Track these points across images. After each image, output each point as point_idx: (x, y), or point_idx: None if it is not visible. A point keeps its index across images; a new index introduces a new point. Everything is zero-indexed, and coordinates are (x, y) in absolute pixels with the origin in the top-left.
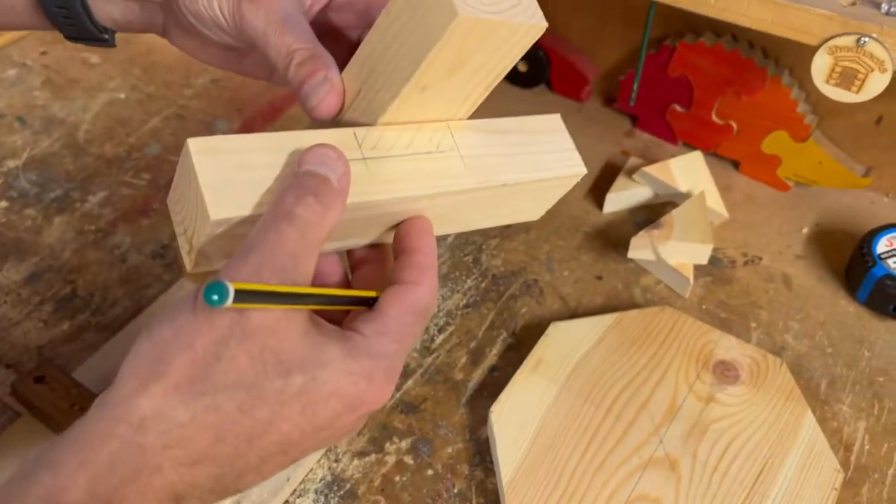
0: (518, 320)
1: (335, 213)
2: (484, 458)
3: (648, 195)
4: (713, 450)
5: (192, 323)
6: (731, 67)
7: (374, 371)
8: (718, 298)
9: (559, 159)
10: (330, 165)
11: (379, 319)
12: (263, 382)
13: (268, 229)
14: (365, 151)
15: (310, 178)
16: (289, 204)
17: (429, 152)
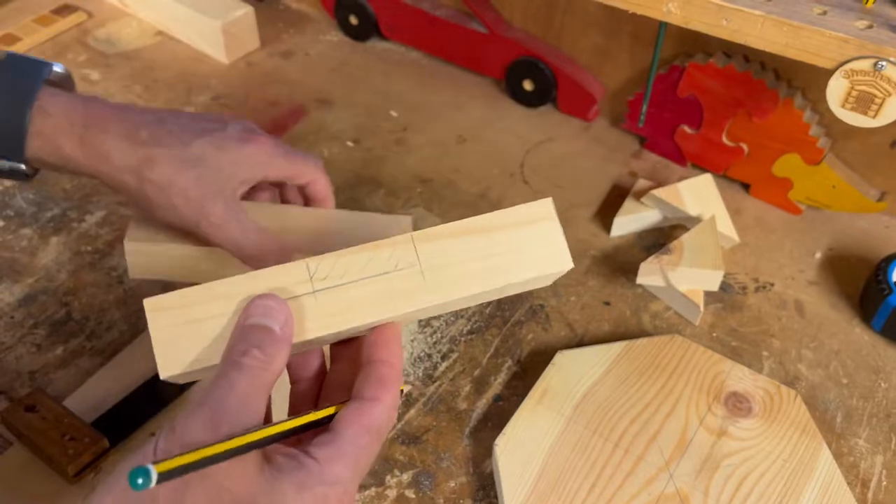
0: (524, 347)
1: (281, 359)
2: (488, 492)
3: (657, 218)
4: (726, 486)
5: None
6: (742, 89)
7: (327, 498)
8: (729, 326)
9: (540, 257)
10: (272, 316)
11: (334, 444)
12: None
13: (219, 379)
14: (315, 283)
15: (253, 330)
16: (236, 355)
17: (385, 273)
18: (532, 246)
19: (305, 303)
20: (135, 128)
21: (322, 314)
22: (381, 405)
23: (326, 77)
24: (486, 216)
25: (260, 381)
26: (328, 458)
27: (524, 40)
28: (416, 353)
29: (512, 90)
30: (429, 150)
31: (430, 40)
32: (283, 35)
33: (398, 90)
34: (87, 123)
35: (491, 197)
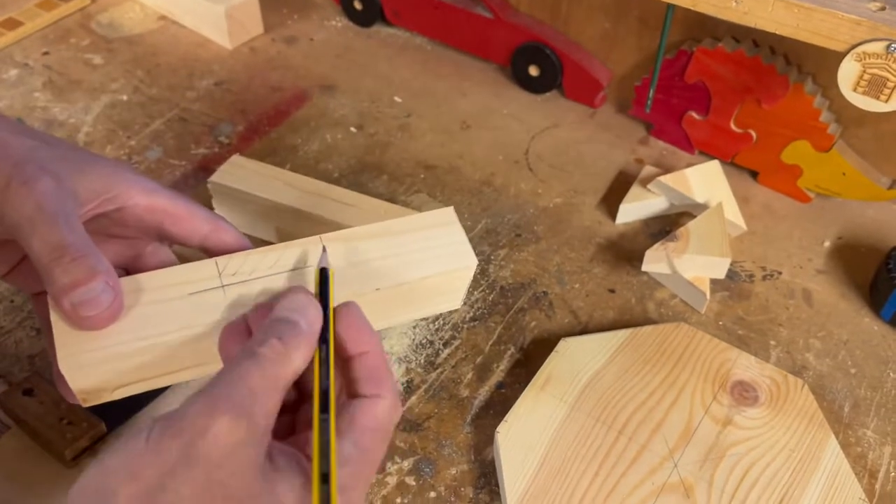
0: (527, 335)
1: (301, 354)
2: (489, 480)
3: (663, 206)
4: (731, 476)
5: (141, 452)
6: (751, 74)
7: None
8: (736, 314)
9: (444, 255)
10: (300, 310)
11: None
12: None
13: (231, 367)
14: (224, 279)
15: (278, 322)
16: (254, 344)
17: (294, 269)
18: (435, 245)
19: (215, 296)
20: None
21: (231, 307)
22: (382, 402)
23: (330, 63)
24: (393, 220)
25: (274, 373)
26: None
27: (530, 25)
28: (418, 340)
29: (517, 76)
30: (433, 136)
31: (435, 26)
32: (288, 21)
33: (402, 76)
34: None
35: (495, 183)
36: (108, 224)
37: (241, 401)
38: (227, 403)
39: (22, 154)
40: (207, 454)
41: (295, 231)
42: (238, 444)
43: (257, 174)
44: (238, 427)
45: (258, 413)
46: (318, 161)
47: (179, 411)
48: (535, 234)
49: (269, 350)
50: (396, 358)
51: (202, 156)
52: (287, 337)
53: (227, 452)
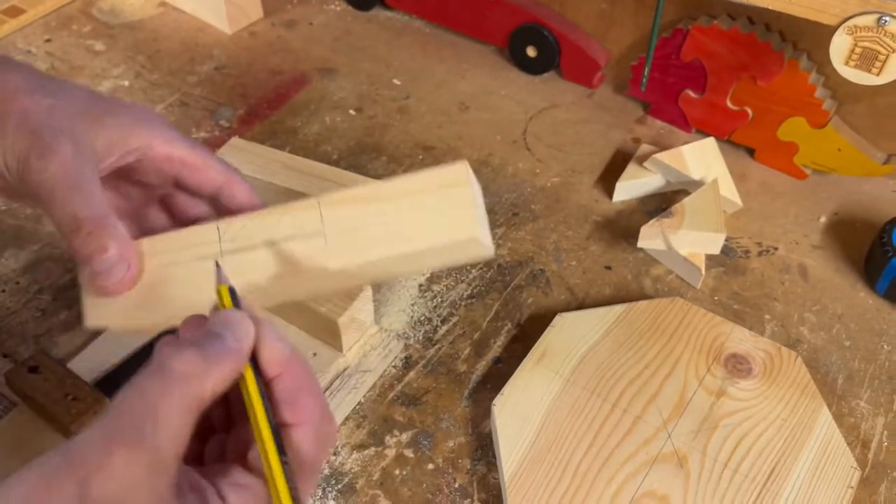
0: (524, 311)
1: (222, 372)
2: (486, 452)
3: (660, 183)
4: (724, 445)
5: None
6: (746, 51)
7: None
8: (731, 290)
9: (447, 223)
10: (230, 325)
11: (251, 488)
12: None
13: (133, 385)
14: (224, 244)
15: (202, 335)
16: (162, 356)
17: (291, 236)
18: (440, 211)
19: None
20: None
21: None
22: (299, 431)
23: (330, 46)
24: (395, 181)
25: (185, 392)
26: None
27: (528, 6)
28: (416, 317)
29: (515, 57)
30: (431, 117)
31: (433, 8)
32: (287, 5)
33: (401, 59)
34: None
35: (493, 163)
36: (128, 172)
37: (139, 428)
38: (124, 433)
39: (39, 119)
40: (103, 495)
41: None
42: (138, 481)
43: (257, 156)
44: (137, 460)
45: (163, 441)
46: (318, 143)
47: (75, 443)
48: (532, 213)
49: (181, 364)
50: (395, 334)
51: (203, 139)
52: (209, 351)
53: (126, 489)
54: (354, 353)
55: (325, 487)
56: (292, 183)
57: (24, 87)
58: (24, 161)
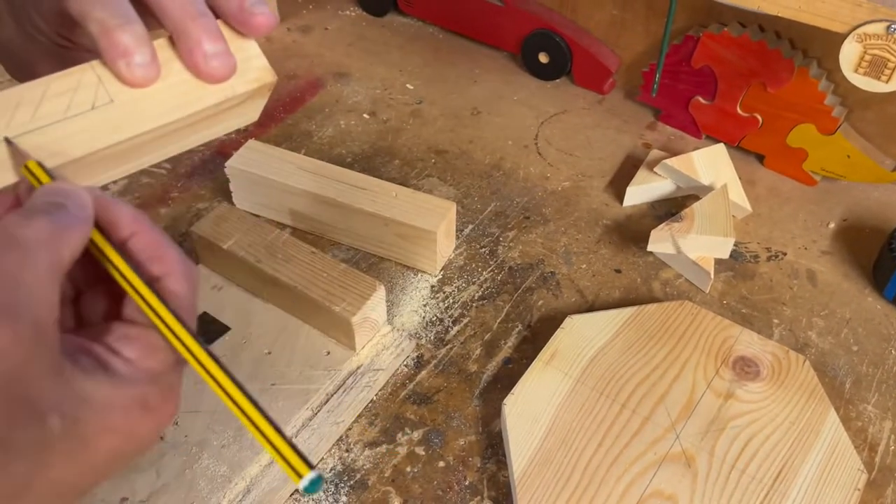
0: (534, 313)
1: (74, 234)
2: (496, 451)
3: (670, 188)
4: (731, 447)
5: None
6: (756, 58)
7: (146, 398)
8: (740, 294)
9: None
10: (66, 195)
11: (143, 338)
12: (14, 434)
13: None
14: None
15: (42, 203)
16: (14, 228)
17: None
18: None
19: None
20: None
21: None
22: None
23: (344, 51)
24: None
25: (42, 257)
26: (140, 356)
27: (540, 13)
28: (428, 318)
29: (527, 63)
30: (444, 122)
31: (446, 14)
32: (303, 10)
33: (414, 64)
34: None
35: (504, 167)
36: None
37: (11, 303)
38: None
39: None
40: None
41: (310, 214)
42: (28, 355)
43: (272, 158)
44: (20, 335)
45: (38, 309)
46: (332, 146)
47: None
48: (543, 217)
49: (35, 232)
50: (407, 334)
51: (220, 142)
52: (57, 219)
53: (17, 364)
54: (367, 352)
55: (337, 483)
56: (308, 185)
57: None
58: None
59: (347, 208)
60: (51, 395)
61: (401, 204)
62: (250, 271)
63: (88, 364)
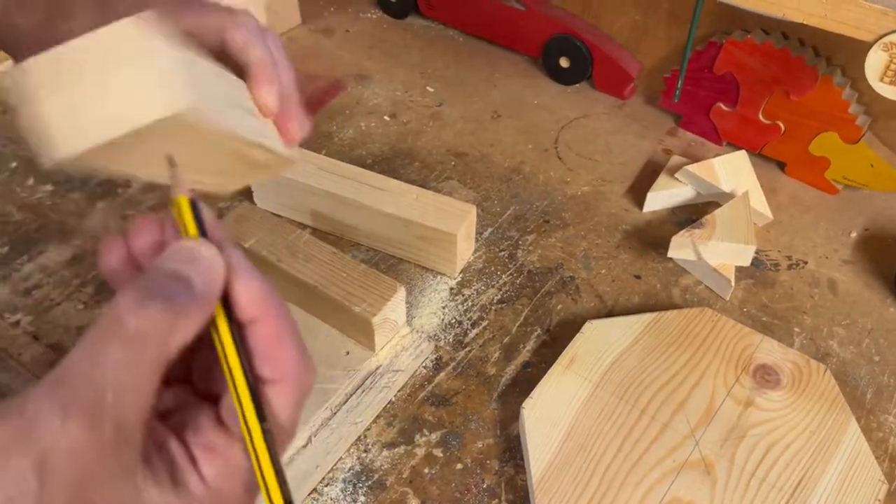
0: (553, 317)
1: (190, 322)
2: (514, 454)
3: (690, 195)
4: (751, 455)
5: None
6: (780, 66)
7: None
8: (760, 301)
9: None
10: (198, 266)
11: (226, 454)
12: None
13: (91, 347)
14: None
15: (165, 278)
16: (124, 310)
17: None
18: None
19: None
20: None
21: None
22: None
23: (365, 53)
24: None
25: (151, 357)
26: (218, 477)
27: (561, 18)
28: (447, 320)
29: (548, 67)
30: (464, 125)
31: (468, 18)
32: (324, 12)
33: (435, 67)
34: None
35: (524, 171)
36: None
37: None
38: (83, 406)
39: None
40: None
41: (331, 215)
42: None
43: None
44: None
45: (126, 413)
46: (353, 148)
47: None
48: (562, 221)
49: (144, 323)
50: (426, 335)
51: None
52: (175, 302)
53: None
54: (386, 352)
55: (355, 483)
56: (329, 185)
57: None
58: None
59: (368, 209)
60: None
61: (421, 206)
62: (271, 271)
63: (162, 473)
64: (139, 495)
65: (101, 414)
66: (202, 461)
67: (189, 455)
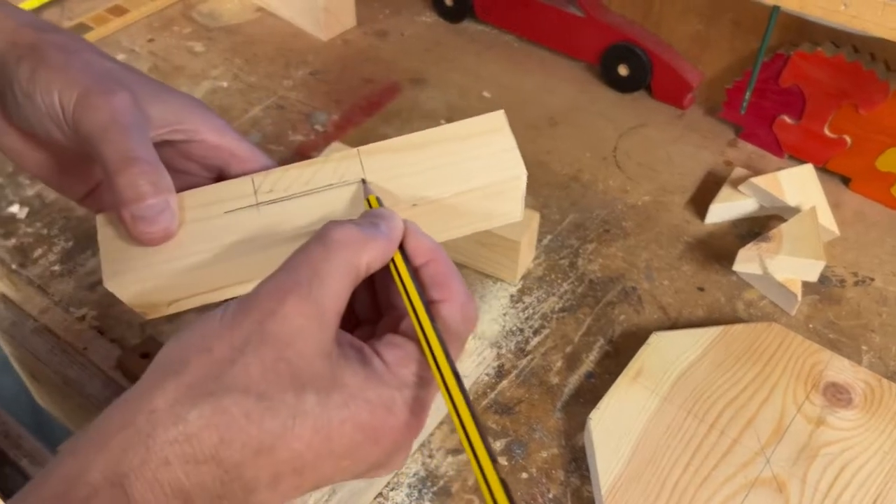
0: (616, 328)
1: (376, 248)
2: (580, 465)
3: (753, 207)
4: (824, 474)
5: (215, 328)
6: (849, 79)
7: (393, 402)
8: (827, 318)
9: (490, 165)
10: (383, 217)
11: (404, 347)
12: (274, 394)
13: (300, 250)
14: (260, 196)
15: (362, 219)
16: (327, 229)
17: (330, 185)
18: (481, 154)
19: (249, 215)
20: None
21: (264, 225)
22: (447, 305)
23: (420, 57)
24: (434, 130)
25: (342, 256)
26: (398, 361)
27: (621, 25)
28: (508, 327)
29: (606, 75)
30: (520, 131)
31: (525, 23)
32: (379, 15)
33: (490, 72)
34: None
35: (582, 179)
36: (172, 155)
37: (307, 284)
38: (294, 287)
39: (104, 70)
40: (276, 333)
41: None
42: (305, 326)
43: None
44: (304, 310)
45: (325, 296)
46: None
47: (252, 294)
48: (623, 230)
49: (341, 234)
50: (488, 342)
51: (299, 142)
52: (365, 227)
53: (295, 333)
54: None
55: (420, 489)
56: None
57: (89, 49)
58: (83, 97)
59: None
60: (314, 370)
61: None
62: None
63: (353, 355)
64: (333, 368)
65: (308, 294)
66: (385, 352)
67: (374, 349)
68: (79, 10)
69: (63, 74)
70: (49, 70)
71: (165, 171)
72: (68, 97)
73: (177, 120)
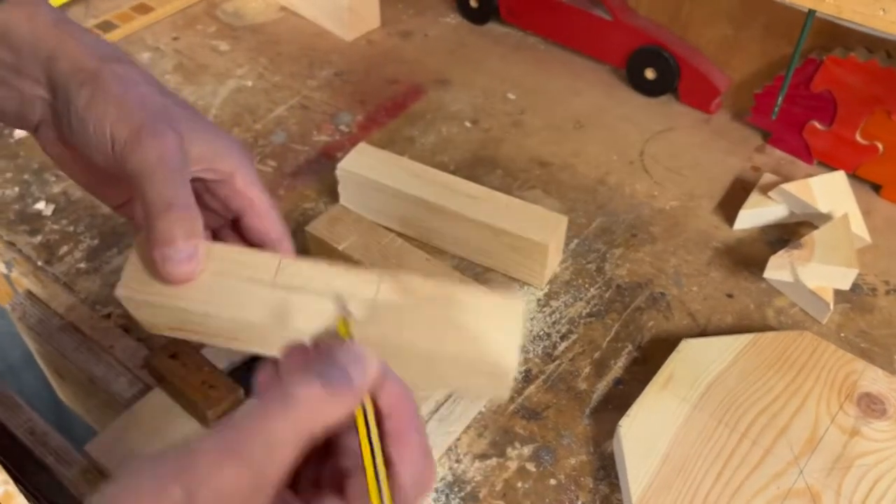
0: (644, 334)
1: (342, 409)
2: (609, 472)
3: (783, 214)
4: (859, 486)
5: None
6: (883, 85)
7: None
8: (858, 327)
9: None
10: (358, 362)
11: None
12: None
13: (258, 407)
14: (279, 278)
15: (330, 367)
16: (293, 384)
17: (342, 295)
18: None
19: (260, 291)
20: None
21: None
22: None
23: (444, 58)
24: (457, 286)
25: (305, 425)
26: None
27: (649, 28)
28: (536, 332)
29: (632, 78)
30: (546, 133)
31: (550, 25)
32: (403, 16)
33: (516, 74)
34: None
35: (609, 182)
36: (202, 190)
37: (253, 451)
38: (238, 452)
39: (157, 107)
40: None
41: (419, 220)
42: (240, 497)
43: (383, 163)
44: (242, 477)
45: (270, 467)
46: (434, 153)
47: (190, 450)
48: (650, 235)
49: (306, 395)
50: None
51: (324, 143)
52: (335, 386)
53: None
54: None
55: (448, 494)
56: (419, 191)
57: (143, 81)
58: (135, 134)
59: (458, 216)
60: None
61: (512, 215)
62: None
63: None
64: None
65: (250, 465)
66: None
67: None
68: (104, 7)
69: (118, 109)
70: (106, 102)
71: (199, 217)
72: (119, 132)
73: (212, 159)
